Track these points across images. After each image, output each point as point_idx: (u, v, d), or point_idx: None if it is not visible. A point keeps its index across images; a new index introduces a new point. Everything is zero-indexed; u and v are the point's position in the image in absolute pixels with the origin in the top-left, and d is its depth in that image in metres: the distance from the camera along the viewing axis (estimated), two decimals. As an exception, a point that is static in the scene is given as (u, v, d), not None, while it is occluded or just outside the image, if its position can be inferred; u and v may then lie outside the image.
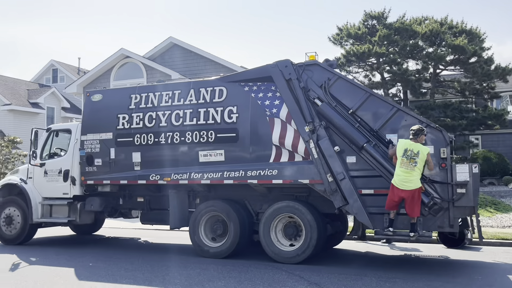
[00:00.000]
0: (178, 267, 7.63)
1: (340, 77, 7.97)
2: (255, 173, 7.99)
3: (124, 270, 7.37)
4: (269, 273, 7.11)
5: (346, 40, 24.01)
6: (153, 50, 23.30)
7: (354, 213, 7.47)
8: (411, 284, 6.48)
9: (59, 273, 7.24)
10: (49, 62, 37.26)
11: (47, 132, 10.41)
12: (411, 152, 6.83)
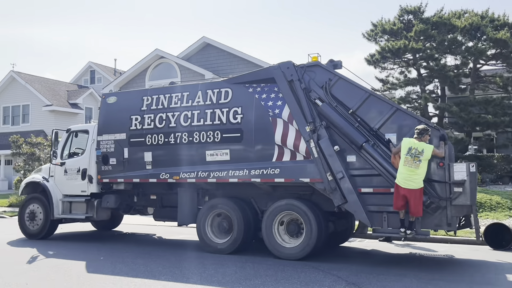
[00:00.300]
0: (215, 264, 7.66)
1: (341, 78, 8.01)
2: (259, 172, 8.22)
3: (162, 267, 7.49)
4: (305, 272, 7.05)
5: (380, 36, 23.51)
6: (186, 50, 23.60)
7: (352, 211, 7.57)
8: (454, 286, 6.26)
9: (98, 268, 7.45)
10: (87, 63, 38.46)
11: (67, 132, 10.90)
12: (415, 151, 6.87)
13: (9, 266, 7.70)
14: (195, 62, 23.19)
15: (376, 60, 22.83)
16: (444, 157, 7.09)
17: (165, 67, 23.32)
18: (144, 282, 6.47)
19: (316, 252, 8.00)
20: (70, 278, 6.76)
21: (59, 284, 6.45)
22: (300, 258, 7.84)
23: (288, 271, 7.10)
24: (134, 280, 6.61)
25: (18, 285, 6.39)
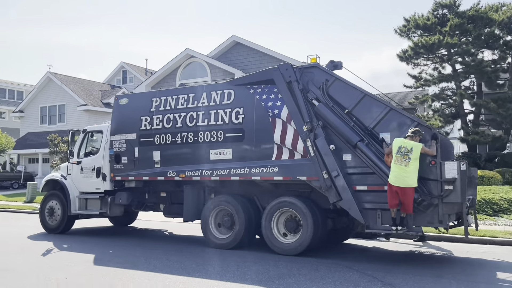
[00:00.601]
0: (248, 262, 7.67)
1: (337, 79, 8.17)
2: (259, 170, 8.51)
3: (195, 264, 7.56)
4: (339, 272, 6.95)
5: (413, 32, 22.97)
6: (216, 49, 23.73)
7: (347, 208, 7.71)
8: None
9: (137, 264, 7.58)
10: (119, 64, 39.29)
11: (83, 133, 11.41)
12: (404, 149, 7.02)
13: (46, 261, 7.95)
14: (224, 61, 23.30)
15: (408, 56, 22.33)
16: (435, 156, 7.16)
17: (195, 66, 23.55)
18: (178, 279, 6.53)
19: (313, 248, 8.18)
20: (107, 273, 6.91)
21: (96, 279, 6.60)
22: (297, 253, 8.06)
23: (321, 270, 7.03)
24: (169, 276, 6.69)
25: (58, 280, 6.58)
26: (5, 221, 14.59)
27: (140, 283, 6.35)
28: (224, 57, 23.71)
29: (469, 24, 21.06)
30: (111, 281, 6.49)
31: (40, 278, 6.66)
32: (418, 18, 22.68)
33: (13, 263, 7.77)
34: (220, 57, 23.71)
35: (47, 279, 6.59)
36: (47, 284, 6.36)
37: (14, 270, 7.20)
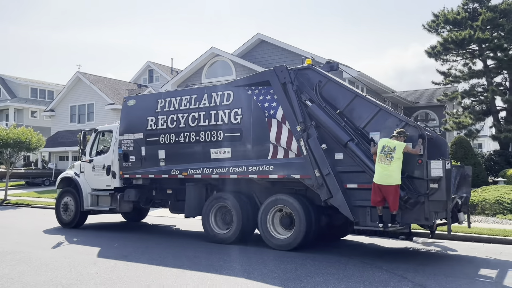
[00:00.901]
0: (275, 260, 7.65)
1: (330, 80, 8.40)
2: (255, 168, 8.84)
3: (223, 261, 7.60)
4: (368, 271, 6.85)
5: (443, 27, 22.41)
6: (241, 47, 23.76)
7: (337, 205, 7.93)
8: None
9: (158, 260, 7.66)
10: (146, 63, 39.85)
11: (94, 132, 11.96)
12: (388, 148, 7.22)
13: (76, 256, 8.13)
14: (249, 59, 23.30)
15: (437, 52, 21.79)
16: (422, 155, 7.29)
17: (220, 65, 23.64)
18: (206, 276, 6.57)
19: (307, 244, 8.43)
20: (136, 269, 7.02)
21: (126, 274, 6.70)
22: (290, 249, 8.34)
23: (350, 270, 6.94)
24: (196, 273, 6.74)
25: (89, 274, 6.72)
26: (41, 216, 15.03)
27: (168, 279, 6.41)
28: (249, 55, 23.72)
29: (502, 18, 20.38)
30: (139, 277, 6.58)
31: (72, 272, 6.82)
32: (448, 13, 22.09)
33: (48, 258, 8.00)
34: (245, 55, 23.73)
35: (79, 274, 6.74)
36: (78, 278, 6.49)
37: (46, 264, 7.40)
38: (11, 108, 42.07)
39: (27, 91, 43.71)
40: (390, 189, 7.14)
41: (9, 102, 41.65)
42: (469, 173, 9.07)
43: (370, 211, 7.67)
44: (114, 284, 6.18)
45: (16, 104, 41.87)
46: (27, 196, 21.51)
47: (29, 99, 43.35)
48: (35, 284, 6.15)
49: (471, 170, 9.24)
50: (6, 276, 6.62)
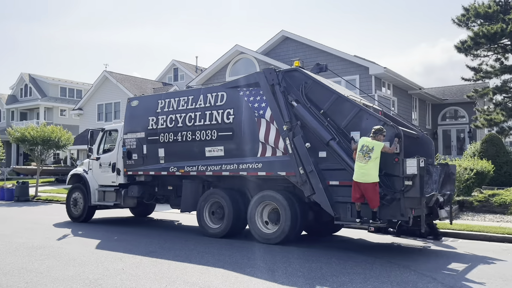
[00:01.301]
0: (299, 259, 7.57)
1: (315, 81, 8.74)
2: (245, 166, 9.27)
3: (247, 259, 7.56)
4: (395, 271, 6.68)
5: (473, 21, 21.76)
6: (265, 44, 23.69)
7: (319, 201, 8.27)
8: None
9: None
10: (171, 62, 40.27)
11: (101, 132, 12.64)
12: (366, 148, 7.49)
13: (105, 252, 8.25)
14: (274, 56, 23.20)
15: (467, 47, 21.18)
16: (399, 153, 7.55)
17: (244, 63, 23.63)
18: (230, 274, 6.54)
19: (293, 238, 8.80)
20: (161, 266, 7.06)
21: (151, 270, 6.74)
22: (276, 242, 8.70)
23: (376, 270, 6.79)
24: (220, 270, 6.73)
25: (116, 270, 6.79)
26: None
27: (193, 276, 6.42)
28: (273, 52, 23.62)
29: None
30: (164, 273, 6.61)
31: (98, 267, 6.92)
32: (479, 7, 21.43)
33: (76, 252, 8.14)
34: (269, 53, 23.64)
35: (106, 269, 6.82)
36: (105, 273, 6.57)
37: (74, 259, 7.54)
38: (41, 107, 43.25)
39: (56, 90, 44.84)
40: (368, 186, 7.43)
41: (39, 101, 42.82)
42: (454, 171, 9.36)
43: (350, 207, 7.98)
44: (139, 280, 6.22)
45: (46, 103, 43.02)
46: (57, 192, 22.06)
47: (58, 98, 44.46)
48: (63, 279, 6.26)
49: (455, 168, 9.52)
50: (36, 270, 6.76)
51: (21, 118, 44.88)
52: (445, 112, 29.76)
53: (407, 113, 25.08)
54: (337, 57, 21.89)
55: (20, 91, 45.60)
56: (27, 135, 20.32)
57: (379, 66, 20.84)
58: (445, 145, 29.38)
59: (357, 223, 7.84)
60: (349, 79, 21.60)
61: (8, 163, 40.73)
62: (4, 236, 10.03)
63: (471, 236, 9.93)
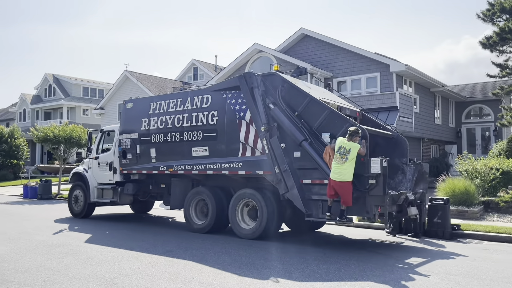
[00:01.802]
0: (317, 260, 7.43)
1: (291, 85, 9.15)
2: (227, 165, 9.75)
3: (264, 260, 7.46)
4: (417, 274, 6.46)
5: (499, 16, 21.02)
6: (284, 42, 23.48)
7: (292, 199, 8.69)
8: None
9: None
10: (190, 61, 40.44)
11: (100, 132, 13.25)
12: (343, 149, 7.86)
13: (122, 250, 8.27)
14: (292, 55, 22.98)
15: (493, 43, 20.50)
16: (365, 154, 7.94)
17: (263, 61, 23.46)
18: (246, 275, 6.45)
19: (270, 234, 9.27)
20: (177, 266, 7.02)
21: (167, 270, 6.71)
22: (254, 238, 9.19)
23: (397, 273, 6.59)
24: (236, 271, 6.64)
25: (132, 269, 6.78)
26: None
27: (208, 277, 6.35)
28: (292, 50, 23.41)
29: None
30: (180, 273, 6.57)
31: (115, 266, 6.92)
32: (504, 1, 20.69)
33: (94, 251, 8.19)
34: (288, 51, 23.44)
35: (122, 268, 6.82)
36: (121, 272, 6.57)
37: (91, 257, 7.58)
38: (64, 107, 44.07)
39: (79, 90, 45.63)
40: (343, 185, 7.82)
41: (62, 101, 43.65)
42: (426, 170, 9.76)
43: (321, 204, 8.39)
44: (155, 279, 6.19)
45: (69, 102, 43.82)
46: (78, 190, 22.32)
47: (81, 98, 45.24)
48: (80, 278, 6.28)
49: (428, 167, 10.18)
50: (54, 268, 6.82)
51: (45, 117, 45.85)
52: (469, 110, 29.01)
53: (429, 111, 24.53)
54: (357, 55, 21.56)
55: (44, 91, 46.58)
56: (49, 134, 20.71)
57: (400, 64, 20.41)
58: (469, 144, 28.64)
59: (327, 218, 8.24)
60: (369, 77, 21.25)
61: (32, 161, 41.68)
62: (26, 234, 10.19)
63: (497, 238, 9.63)
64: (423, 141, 24.80)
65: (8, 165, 33.58)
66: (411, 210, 8.87)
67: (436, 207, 10.04)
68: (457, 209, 12.03)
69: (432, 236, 9.87)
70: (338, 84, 22.38)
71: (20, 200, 19.84)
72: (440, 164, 24.28)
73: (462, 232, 10.03)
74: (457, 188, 12.29)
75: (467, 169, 14.24)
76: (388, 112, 19.25)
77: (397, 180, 9.36)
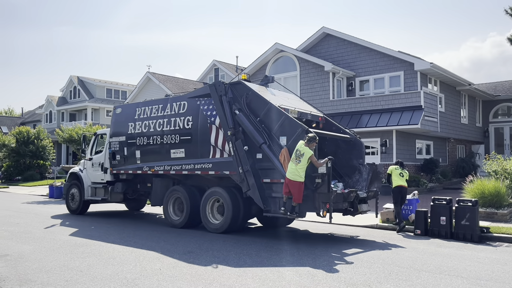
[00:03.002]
0: (341, 263, 7.25)
1: (254, 93, 10.01)
2: (200, 166, 10.67)
3: (285, 262, 7.34)
4: (445, 279, 6.23)
5: (528, 11, 20.32)
6: (305, 42, 23.30)
7: (252, 196, 9.53)
8: None
9: (225, 259, 7.56)
10: (212, 62, 40.58)
11: (94, 135, 14.59)
12: (299, 152, 8.62)
13: (143, 251, 8.28)
14: (314, 54, 22.77)
15: (522, 39, 19.83)
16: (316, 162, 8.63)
17: (284, 61, 23.33)
18: (267, 277, 6.34)
19: (236, 228, 10.29)
20: (198, 267, 6.97)
21: (188, 271, 6.66)
22: (221, 232, 10.12)
23: (424, 277, 6.37)
24: (258, 273, 6.54)
25: (153, 270, 6.76)
26: (113, 208, 15.73)
27: (229, 279, 6.27)
28: (313, 50, 23.20)
29: None
30: (201, 275, 6.51)
31: (137, 267, 6.92)
32: (534, -4, 20.02)
33: (116, 251, 8.22)
34: (310, 50, 23.24)
35: (143, 269, 6.81)
36: (142, 273, 6.55)
37: (113, 257, 7.60)
38: (89, 108, 44.88)
39: (103, 92, 46.39)
40: (295, 184, 8.58)
41: (87, 102, 44.45)
42: (380, 170, 10.78)
43: (279, 201, 9.16)
44: (175, 281, 6.15)
45: (93, 104, 44.60)
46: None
47: (104, 99, 45.99)
48: (101, 278, 6.29)
49: (382, 167, 10.88)
50: (76, 268, 6.86)
51: (70, 119, 46.78)
52: (497, 109, 28.18)
53: (455, 110, 23.91)
54: (380, 53, 21.19)
55: (70, 93, 47.54)
56: (74, 135, 21.10)
57: (425, 62, 19.95)
58: (497, 144, 27.82)
59: (280, 213, 9.03)
60: (393, 76, 20.85)
61: (58, 162, 42.61)
62: (50, 233, 10.35)
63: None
64: (448, 141, 24.20)
65: (35, 165, 34.41)
66: (362, 206, 9.76)
67: (464, 209, 9.72)
68: (486, 211, 11.64)
69: (460, 239, 9.57)
70: (360, 83, 22.05)
71: (46, 200, 20.25)
72: (467, 164, 23.65)
73: (492, 235, 9.69)
74: (486, 189, 11.88)
75: (496, 170, 13.77)
76: (413, 112, 18.84)
77: (354, 180, 10.43)
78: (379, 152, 19.75)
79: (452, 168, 24.03)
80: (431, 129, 19.70)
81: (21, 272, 6.60)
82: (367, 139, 20.05)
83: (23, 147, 33.51)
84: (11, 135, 34.73)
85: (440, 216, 9.96)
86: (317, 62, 21.71)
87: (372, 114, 19.88)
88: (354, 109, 20.59)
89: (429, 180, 20.97)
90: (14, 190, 26.69)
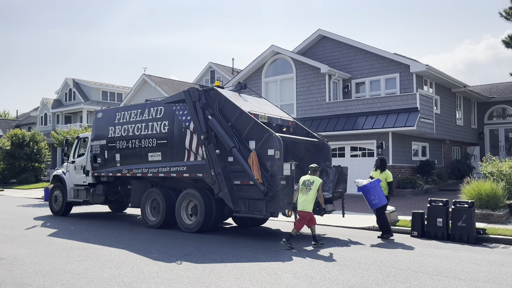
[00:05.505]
0: (339, 266, 7.25)
1: (225, 99, 10.47)
2: (175, 169, 11.08)
3: (283, 264, 7.31)
4: (443, 281, 6.23)
5: (522, 14, 20.51)
6: (301, 44, 23.33)
7: (223, 197, 9.92)
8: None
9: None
10: (207, 64, 40.56)
11: (76, 139, 15.00)
12: (308, 182, 8.87)
13: (140, 254, 8.24)
14: (310, 56, 22.80)
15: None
16: (279, 158, 9.14)
17: (280, 63, 23.34)
18: (265, 280, 6.33)
19: (209, 228, 10.71)
20: (196, 269, 6.94)
21: (185, 274, 6.63)
22: (195, 231, 10.54)
23: (421, 279, 6.38)
24: (256, 276, 6.53)
25: (150, 273, 6.73)
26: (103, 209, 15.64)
27: (227, 281, 6.25)
28: (309, 52, 23.23)
29: None
30: (199, 277, 6.48)
31: (134, 270, 6.88)
32: (529, -2, 20.19)
33: (112, 254, 8.17)
34: (306, 52, 23.26)
35: (140, 272, 6.77)
36: (140, 276, 6.51)
37: (110, 260, 7.55)
38: (84, 111, 44.68)
39: (98, 94, 46.22)
40: (304, 214, 8.73)
41: (82, 105, 44.27)
42: (346, 172, 11.21)
43: (248, 202, 9.56)
44: (173, 284, 6.12)
45: (88, 106, 44.41)
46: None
47: (100, 102, 45.81)
48: (98, 281, 6.25)
49: (347, 169, 11.37)
50: (73, 272, 6.81)
51: (65, 121, 46.57)
52: (492, 111, 28.33)
53: (451, 112, 24.02)
54: (375, 55, 21.26)
55: (65, 96, 47.34)
56: (69, 138, 21.00)
57: (420, 64, 20.03)
58: (492, 145, 27.95)
59: (255, 214, 9.52)
60: (388, 78, 20.91)
61: (53, 164, 42.38)
62: (46, 236, 10.27)
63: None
64: (444, 143, 24.29)
65: (30, 168, 34.22)
66: (327, 206, 10.26)
67: (460, 210, 9.75)
68: (482, 212, 11.68)
69: (456, 241, 9.59)
70: (356, 85, 22.10)
71: (41, 203, 20.12)
72: (462, 166, 23.73)
73: (488, 236, 9.72)
74: (483, 191, 11.92)
75: (492, 171, 13.83)
76: (408, 114, 18.89)
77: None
78: (375, 154, 19.79)
79: (447, 169, 24.11)
80: (427, 131, 19.76)
81: (17, 276, 6.55)
82: (363, 141, 20.09)
83: (18, 149, 33.35)
84: (6, 138, 34.54)
85: (436, 218, 9.98)
86: (313, 64, 21.74)
87: (368, 116, 19.92)
88: (350, 111, 20.63)
89: (425, 181, 21.03)
90: (9, 193, 26.52)
